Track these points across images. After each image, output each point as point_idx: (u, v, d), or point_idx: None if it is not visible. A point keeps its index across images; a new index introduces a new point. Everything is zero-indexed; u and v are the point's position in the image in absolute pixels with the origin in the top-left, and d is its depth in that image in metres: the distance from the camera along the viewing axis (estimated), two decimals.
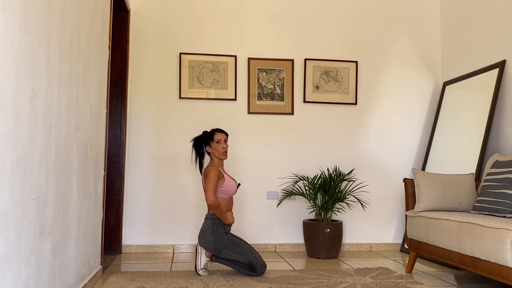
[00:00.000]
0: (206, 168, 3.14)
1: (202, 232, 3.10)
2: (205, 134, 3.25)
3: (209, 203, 3.02)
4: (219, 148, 3.18)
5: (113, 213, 3.87)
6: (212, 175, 3.07)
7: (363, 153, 4.32)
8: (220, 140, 3.19)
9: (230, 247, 3.03)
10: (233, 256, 3.03)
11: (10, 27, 1.51)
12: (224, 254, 3.05)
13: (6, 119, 1.49)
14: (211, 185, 3.05)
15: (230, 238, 3.08)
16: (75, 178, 2.35)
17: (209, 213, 3.13)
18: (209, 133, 3.24)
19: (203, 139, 3.23)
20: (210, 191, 3.03)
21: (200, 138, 3.25)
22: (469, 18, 4.08)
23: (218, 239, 3.04)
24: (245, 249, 3.04)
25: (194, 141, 3.25)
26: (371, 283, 2.84)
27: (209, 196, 3.02)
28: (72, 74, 2.26)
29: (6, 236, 1.51)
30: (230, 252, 3.03)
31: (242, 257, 3.02)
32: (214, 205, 3.02)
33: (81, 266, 2.54)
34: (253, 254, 3.03)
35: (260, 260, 3.02)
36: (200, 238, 3.09)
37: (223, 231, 3.08)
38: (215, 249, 3.04)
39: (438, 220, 2.91)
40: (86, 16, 2.53)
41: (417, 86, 4.45)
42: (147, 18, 4.12)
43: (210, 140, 3.20)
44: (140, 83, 4.07)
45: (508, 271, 2.31)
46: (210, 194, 3.02)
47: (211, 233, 3.06)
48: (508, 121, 3.54)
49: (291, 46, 4.29)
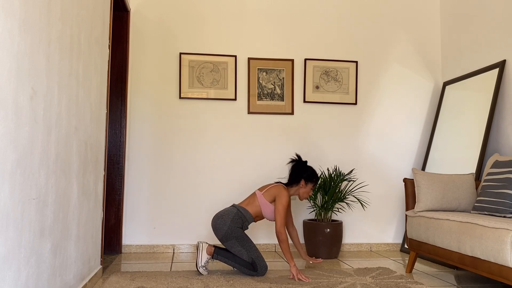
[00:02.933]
0: (283, 190, 3.12)
1: (222, 214, 3.11)
2: (312, 172, 3.22)
3: (279, 237, 3.02)
4: (308, 192, 3.23)
5: (113, 213, 3.87)
6: (286, 201, 3.08)
7: (363, 153, 4.32)
8: (314, 188, 3.25)
9: (239, 239, 3.03)
10: (238, 249, 3.02)
11: (10, 27, 1.51)
12: (229, 244, 3.04)
13: (6, 119, 1.49)
14: (283, 212, 3.05)
15: (243, 233, 3.08)
16: (75, 178, 2.35)
17: (240, 205, 3.16)
18: (315, 176, 3.22)
19: (307, 173, 3.20)
20: (282, 219, 3.03)
21: (304, 168, 3.22)
22: (469, 18, 4.08)
23: (232, 227, 3.04)
24: (252, 247, 3.04)
25: (299, 164, 3.23)
26: (371, 283, 2.84)
27: (278, 227, 3.02)
28: (72, 74, 2.26)
29: (6, 236, 1.51)
30: (237, 244, 3.03)
31: (246, 253, 3.01)
32: (281, 238, 3.01)
33: (81, 266, 2.54)
34: (258, 254, 3.04)
35: (263, 261, 3.03)
36: (217, 218, 3.09)
37: (240, 224, 3.09)
38: (226, 234, 3.03)
39: (438, 220, 2.91)
40: (86, 16, 2.53)
41: (417, 86, 4.45)
42: (147, 18, 4.12)
43: (310, 180, 3.20)
44: (140, 83, 4.07)
45: (508, 271, 2.31)
46: (281, 226, 3.02)
47: (230, 220, 3.06)
48: (508, 121, 3.54)
49: (291, 46, 4.29)
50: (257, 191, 3.19)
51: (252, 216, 3.15)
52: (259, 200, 3.14)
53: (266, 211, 3.14)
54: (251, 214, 3.14)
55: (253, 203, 3.16)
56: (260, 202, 3.14)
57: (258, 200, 3.15)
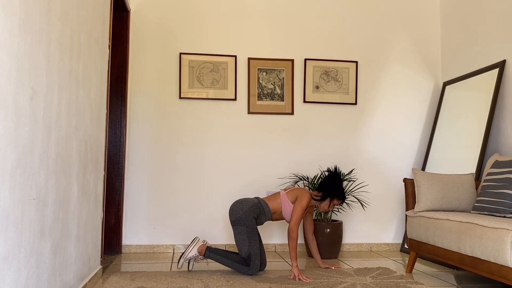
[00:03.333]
0: (306, 193, 3.15)
1: (242, 200, 3.15)
2: (342, 192, 3.21)
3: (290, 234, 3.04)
4: (330, 207, 3.23)
5: (113, 213, 3.87)
6: (306, 203, 3.10)
7: (363, 153, 4.32)
8: (336, 206, 3.28)
9: (248, 228, 3.04)
10: (242, 238, 3.04)
11: (10, 27, 1.51)
12: (237, 230, 3.06)
13: (6, 119, 1.49)
14: (300, 212, 3.07)
15: (255, 225, 3.09)
16: (75, 178, 2.35)
17: (264, 199, 3.19)
18: (343, 197, 3.22)
19: (337, 191, 3.19)
20: (297, 218, 3.06)
21: (337, 186, 3.20)
22: (469, 18, 4.08)
23: (248, 215, 3.06)
24: (255, 242, 3.05)
25: (333, 179, 3.22)
26: (371, 283, 2.84)
27: (292, 225, 3.04)
28: (72, 74, 2.26)
29: (6, 236, 1.51)
30: (245, 232, 3.03)
31: (248, 245, 3.02)
32: (292, 235, 3.03)
33: (81, 266, 2.54)
34: (257, 251, 3.04)
35: (257, 260, 3.03)
36: (237, 202, 3.14)
37: (256, 214, 3.10)
38: (239, 218, 3.06)
39: (438, 220, 2.91)
40: (86, 16, 2.53)
41: (417, 86, 4.45)
42: (147, 18, 4.12)
43: (337, 198, 3.19)
44: (140, 83, 4.07)
45: (508, 271, 2.31)
46: (294, 224, 3.04)
47: (249, 207, 3.09)
48: (508, 121, 3.54)
49: (291, 46, 4.29)
50: (281, 191, 3.25)
51: (271, 211, 3.17)
52: (281, 198, 3.19)
53: (286, 210, 3.17)
54: (270, 209, 3.16)
55: (275, 200, 3.20)
56: (282, 200, 3.18)
57: (280, 198, 3.19)
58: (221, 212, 4.07)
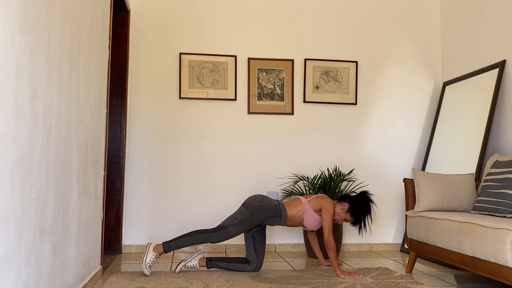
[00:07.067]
0: (329, 201, 3.16)
1: (265, 197, 3.13)
2: (363, 216, 3.20)
3: (328, 245, 3.05)
4: (345, 220, 3.23)
5: (113, 213, 3.87)
6: (332, 211, 3.12)
7: (363, 153, 4.32)
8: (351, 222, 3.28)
9: (248, 219, 3.03)
10: (236, 217, 3.03)
11: (10, 27, 1.51)
12: (241, 210, 3.07)
13: (6, 119, 1.49)
14: (330, 220, 3.08)
15: (255, 224, 3.06)
16: (75, 178, 2.35)
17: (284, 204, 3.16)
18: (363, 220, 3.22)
19: (360, 213, 3.19)
20: (330, 228, 3.06)
21: (364, 208, 3.20)
22: (469, 18, 4.08)
23: (261, 211, 3.05)
24: (239, 231, 3.03)
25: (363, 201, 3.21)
26: (371, 283, 2.84)
27: (327, 236, 3.05)
28: (72, 74, 2.26)
29: (6, 236, 1.51)
30: (244, 217, 3.03)
31: (233, 223, 3.01)
32: (329, 246, 3.04)
33: (81, 266, 2.54)
34: (233, 234, 3.03)
35: (225, 233, 3.02)
36: (260, 196, 3.13)
37: (269, 215, 3.07)
38: (252, 205, 3.05)
39: (438, 220, 2.91)
40: (86, 16, 2.53)
41: (417, 86, 4.45)
42: (147, 18, 4.12)
43: (356, 217, 3.19)
44: (140, 83, 4.07)
45: (508, 271, 2.31)
46: (329, 235, 3.05)
47: (266, 206, 3.07)
48: (508, 121, 3.54)
49: (291, 46, 4.29)
50: (302, 198, 3.20)
51: (288, 217, 3.14)
52: (303, 206, 3.14)
53: (309, 220, 3.15)
54: (288, 215, 3.13)
55: (296, 207, 3.16)
56: (304, 208, 3.14)
57: (302, 205, 3.15)
58: (221, 212, 4.07)
